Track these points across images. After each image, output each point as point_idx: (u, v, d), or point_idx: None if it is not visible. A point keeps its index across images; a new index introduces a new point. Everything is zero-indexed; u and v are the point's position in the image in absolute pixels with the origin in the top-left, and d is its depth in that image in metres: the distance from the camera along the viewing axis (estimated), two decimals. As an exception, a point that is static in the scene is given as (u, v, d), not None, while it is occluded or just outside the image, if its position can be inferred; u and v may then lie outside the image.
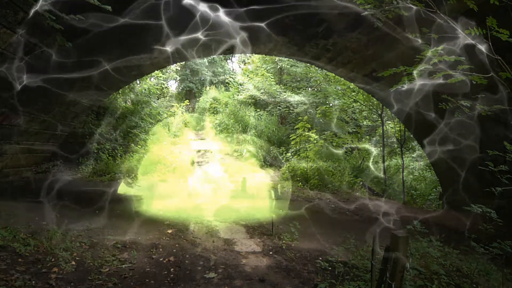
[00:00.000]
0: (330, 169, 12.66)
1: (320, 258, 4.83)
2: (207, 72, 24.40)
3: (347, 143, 14.68)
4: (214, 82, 24.49)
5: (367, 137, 16.95)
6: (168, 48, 7.26)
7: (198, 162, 13.39)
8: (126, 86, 12.57)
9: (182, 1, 5.34)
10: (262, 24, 6.28)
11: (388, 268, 2.94)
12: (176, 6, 5.53)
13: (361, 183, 12.59)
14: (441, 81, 3.23)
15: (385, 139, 14.12)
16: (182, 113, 19.81)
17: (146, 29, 6.38)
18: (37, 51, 5.75)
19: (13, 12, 4.74)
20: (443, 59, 3.18)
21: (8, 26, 4.86)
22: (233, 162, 13.83)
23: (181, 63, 21.41)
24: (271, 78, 18.63)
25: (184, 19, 6.01)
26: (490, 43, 3.00)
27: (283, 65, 18.95)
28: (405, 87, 3.89)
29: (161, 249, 4.95)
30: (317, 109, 15.81)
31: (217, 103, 20.33)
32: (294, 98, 16.76)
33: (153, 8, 5.65)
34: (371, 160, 14.92)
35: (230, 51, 9.42)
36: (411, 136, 12.60)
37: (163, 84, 20.37)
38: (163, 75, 19.32)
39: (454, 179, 8.62)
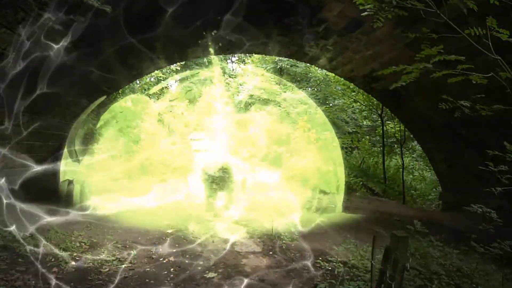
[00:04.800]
0: (330, 169, 12.63)
1: (320, 258, 4.84)
2: (207, 72, 24.36)
3: (347, 143, 14.69)
4: (214, 82, 24.46)
5: (367, 137, 16.92)
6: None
7: (197, 162, 13.36)
8: (126, 86, 12.54)
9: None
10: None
11: (388, 268, 2.94)
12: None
13: (361, 183, 12.59)
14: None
15: (385, 139, 14.12)
16: (182, 113, 19.78)
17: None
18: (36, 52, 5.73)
19: (13, 12, 4.73)
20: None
21: (8, 26, 4.84)
22: (233, 162, 13.81)
23: (181, 63, 21.38)
24: (271, 78, 18.63)
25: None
26: (490, 43, 2.99)
27: (283, 65, 18.93)
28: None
29: (160, 250, 4.96)
30: (317, 109, 15.79)
31: (217, 103, 20.32)
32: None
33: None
34: (370, 160, 14.93)
35: (230, 50, 9.40)
36: (411, 136, 12.58)
37: (163, 84, 20.35)
38: (163, 75, 19.29)
39: (454, 179, 8.64)
